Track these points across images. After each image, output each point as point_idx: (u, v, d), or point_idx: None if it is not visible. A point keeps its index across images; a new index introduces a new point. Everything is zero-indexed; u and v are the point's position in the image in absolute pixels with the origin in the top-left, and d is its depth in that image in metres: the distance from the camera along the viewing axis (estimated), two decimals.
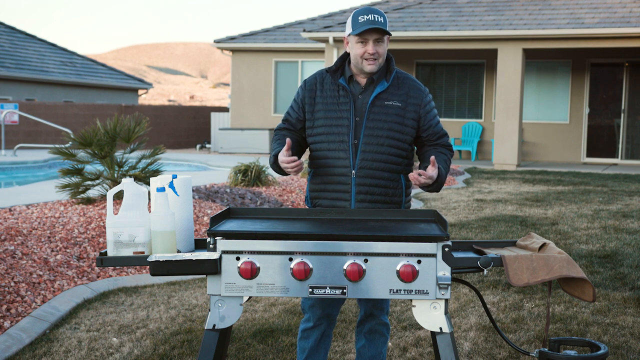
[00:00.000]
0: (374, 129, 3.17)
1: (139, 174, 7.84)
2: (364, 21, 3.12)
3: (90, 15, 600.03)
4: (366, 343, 3.43)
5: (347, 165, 3.18)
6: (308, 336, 3.38)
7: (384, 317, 3.41)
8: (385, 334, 3.44)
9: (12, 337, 4.26)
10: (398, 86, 3.24)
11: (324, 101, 3.24)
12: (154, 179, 2.71)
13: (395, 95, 3.22)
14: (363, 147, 3.17)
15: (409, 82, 3.28)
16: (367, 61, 3.15)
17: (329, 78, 3.27)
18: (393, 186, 3.23)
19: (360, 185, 3.18)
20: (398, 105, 3.20)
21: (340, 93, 3.22)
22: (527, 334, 4.49)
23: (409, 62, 20.09)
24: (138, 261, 2.66)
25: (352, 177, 3.18)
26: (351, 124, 3.18)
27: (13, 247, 5.71)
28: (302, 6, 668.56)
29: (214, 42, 21.85)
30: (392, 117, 3.19)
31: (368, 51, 3.13)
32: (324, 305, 3.33)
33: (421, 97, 3.25)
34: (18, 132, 20.01)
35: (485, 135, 19.49)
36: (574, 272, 2.63)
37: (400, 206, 3.28)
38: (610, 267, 6.24)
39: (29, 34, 28.63)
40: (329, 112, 3.22)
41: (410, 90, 3.25)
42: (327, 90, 3.25)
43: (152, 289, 5.57)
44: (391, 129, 3.18)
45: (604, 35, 15.85)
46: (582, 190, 11.97)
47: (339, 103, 3.21)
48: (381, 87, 3.20)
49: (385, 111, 3.19)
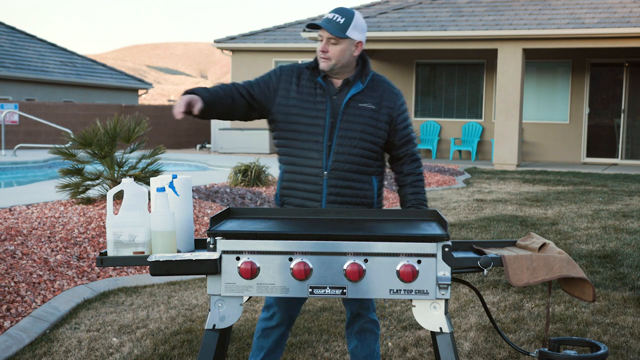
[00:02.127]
0: (347, 131, 3.16)
1: (139, 174, 7.84)
2: (324, 18, 3.13)
3: (90, 15, 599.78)
4: (358, 343, 3.41)
5: (319, 165, 3.16)
6: (268, 335, 3.37)
7: (371, 314, 3.40)
8: (376, 331, 3.43)
9: (12, 337, 4.26)
10: (372, 88, 3.22)
11: (299, 97, 3.19)
12: (154, 179, 2.71)
13: (370, 97, 3.20)
14: (336, 149, 3.15)
15: (384, 85, 3.26)
16: (320, 58, 3.15)
17: (306, 74, 3.22)
18: (365, 188, 3.22)
19: (331, 186, 3.17)
20: (372, 107, 3.19)
21: (317, 92, 3.19)
22: (527, 334, 4.49)
23: (409, 62, 20.09)
24: (138, 261, 2.66)
25: (324, 178, 3.17)
26: (326, 125, 3.16)
27: (13, 247, 5.71)
28: (302, 6, 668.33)
29: (214, 42, 21.85)
30: (366, 120, 3.17)
31: (320, 48, 3.14)
32: (288, 306, 3.32)
33: (395, 100, 3.24)
34: (18, 132, 20.02)
35: (485, 135, 19.49)
36: (574, 272, 2.63)
37: (373, 204, 3.28)
38: (610, 267, 6.24)
39: (29, 34, 28.62)
40: (304, 110, 3.17)
41: (384, 93, 3.23)
42: (304, 86, 3.20)
43: (152, 289, 5.57)
44: (364, 131, 3.17)
45: (604, 35, 15.86)
46: (582, 190, 11.97)
47: (315, 102, 3.18)
48: (356, 89, 3.18)
49: (359, 113, 3.17)
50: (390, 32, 17.22)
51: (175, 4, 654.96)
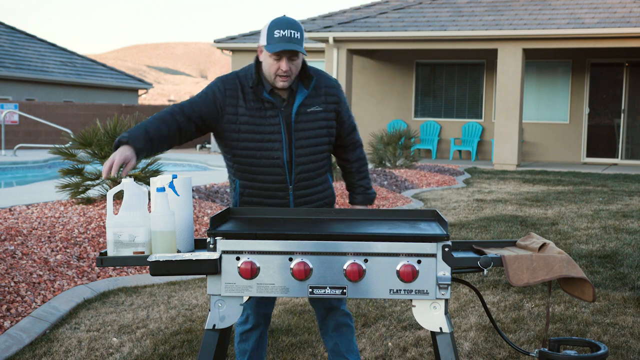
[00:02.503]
0: (303, 140, 3.11)
1: (139, 174, 7.84)
2: (280, 37, 2.96)
3: (90, 15, 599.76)
4: (337, 340, 3.36)
5: (283, 181, 3.13)
6: (247, 338, 3.35)
7: (343, 307, 3.37)
8: (351, 324, 3.39)
9: (12, 337, 4.26)
10: (316, 90, 3.15)
11: (249, 114, 3.07)
12: (154, 179, 2.71)
13: (315, 99, 3.14)
14: (297, 161, 3.11)
15: (323, 82, 3.19)
16: (279, 77, 3.02)
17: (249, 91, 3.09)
18: (326, 187, 3.25)
19: (298, 197, 3.17)
20: (320, 109, 3.14)
21: (266, 106, 3.07)
22: (527, 334, 4.49)
23: (409, 62, 20.10)
24: (138, 261, 2.66)
25: (290, 191, 3.15)
26: (283, 139, 3.09)
27: (13, 247, 5.71)
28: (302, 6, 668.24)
29: (214, 42, 21.85)
30: (317, 123, 3.14)
31: (281, 68, 3.00)
32: (260, 306, 3.30)
33: (337, 93, 3.21)
34: (18, 132, 20.02)
35: (485, 135, 19.49)
36: (574, 272, 2.63)
37: (333, 200, 3.32)
38: (610, 267, 6.24)
39: (29, 34, 28.63)
40: (257, 127, 3.07)
41: (326, 89, 3.18)
42: (251, 102, 3.08)
43: (152, 289, 5.57)
44: (317, 135, 3.15)
45: (604, 35, 15.86)
46: (582, 190, 11.98)
47: (266, 117, 3.07)
48: (302, 96, 3.10)
49: (310, 118, 3.12)
50: (390, 32, 17.22)
51: (175, 4, 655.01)
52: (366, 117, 20.20)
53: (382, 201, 10.14)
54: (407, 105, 20.21)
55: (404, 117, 20.17)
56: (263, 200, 3.17)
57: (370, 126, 19.72)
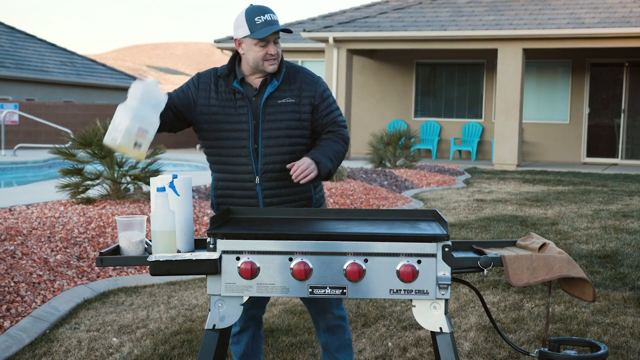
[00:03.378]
0: (271, 130, 3.11)
1: (139, 174, 7.84)
2: (262, 22, 3.00)
3: (90, 15, 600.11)
4: (328, 339, 3.37)
5: (250, 171, 3.13)
6: (238, 341, 3.35)
7: (336, 310, 3.32)
8: (343, 325, 3.36)
9: (12, 337, 4.26)
10: (289, 82, 3.15)
11: (220, 104, 3.14)
12: (154, 179, 2.71)
13: (287, 91, 3.14)
14: (263, 151, 3.11)
15: (301, 76, 3.18)
16: (268, 62, 3.06)
17: (221, 82, 3.16)
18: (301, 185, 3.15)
19: (266, 189, 3.14)
20: (292, 101, 3.13)
21: (237, 96, 3.13)
22: (527, 334, 4.49)
23: (409, 62, 20.10)
24: (138, 261, 2.67)
25: (257, 182, 3.14)
26: (250, 128, 3.11)
27: (13, 247, 5.71)
28: (302, 6, 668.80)
29: (214, 42, 21.85)
30: (288, 115, 3.13)
31: (270, 52, 3.04)
32: (249, 307, 3.29)
33: (315, 88, 3.17)
34: (18, 132, 20.02)
35: (485, 135, 19.49)
36: (574, 272, 2.63)
37: (311, 201, 3.25)
38: (610, 267, 6.24)
39: (29, 34, 28.63)
40: (227, 117, 3.12)
41: (302, 84, 3.16)
42: (223, 93, 3.15)
43: (152, 289, 5.57)
44: (289, 127, 3.13)
45: (604, 35, 15.86)
46: (582, 190, 11.98)
47: (236, 107, 3.12)
48: (272, 87, 3.12)
49: (280, 110, 3.12)
50: (390, 32, 17.22)
51: (175, 4, 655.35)
52: (366, 117, 20.20)
53: (382, 201, 10.14)
54: (407, 105, 20.21)
55: (404, 117, 20.17)
56: (233, 192, 3.18)
57: (370, 126, 19.73)
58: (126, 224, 2.70)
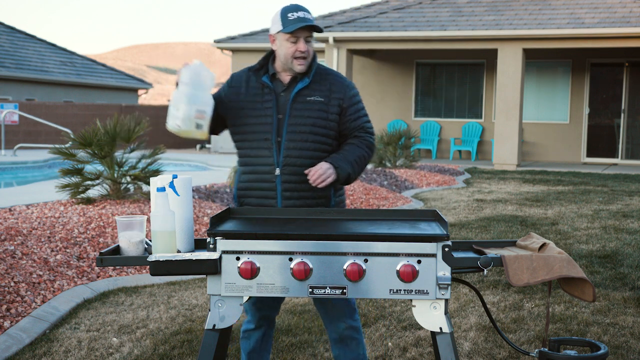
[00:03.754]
0: (297, 126, 3.15)
1: (139, 174, 7.83)
2: (295, 19, 3.09)
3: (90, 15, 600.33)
4: (340, 352, 3.31)
5: (271, 163, 3.17)
6: (249, 337, 3.37)
7: (349, 320, 3.26)
8: (357, 336, 3.29)
9: (12, 337, 4.26)
10: (320, 82, 3.20)
11: (248, 99, 3.22)
12: (154, 179, 2.71)
13: (317, 90, 3.19)
14: (286, 145, 3.15)
15: (332, 78, 3.24)
16: (297, 60, 3.13)
17: (252, 76, 3.26)
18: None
19: (285, 182, 3.17)
20: (320, 100, 3.17)
21: (265, 91, 3.21)
22: (527, 334, 4.49)
23: (409, 62, 20.10)
24: (138, 261, 2.67)
25: (277, 175, 3.16)
26: (274, 122, 3.16)
27: (13, 247, 5.71)
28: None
29: (214, 42, 21.85)
30: (315, 113, 3.16)
31: (299, 49, 3.11)
32: (262, 307, 3.30)
33: (344, 91, 3.22)
34: (18, 132, 20.02)
35: (485, 135, 19.49)
36: (574, 272, 2.63)
37: (330, 201, 3.25)
38: (610, 267, 6.24)
39: (29, 34, 28.63)
40: (253, 110, 3.20)
41: (332, 85, 3.21)
42: (252, 88, 3.23)
43: (152, 289, 5.57)
44: (314, 124, 3.16)
45: (604, 35, 15.86)
46: (582, 190, 11.98)
47: (262, 101, 3.20)
48: (303, 84, 3.17)
49: (308, 107, 3.16)
50: (390, 32, 17.22)
51: (175, 4, 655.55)
52: None
53: (382, 201, 10.14)
54: (407, 105, 20.21)
55: (404, 117, 20.16)
56: (253, 184, 3.21)
57: None
58: (126, 224, 2.70)
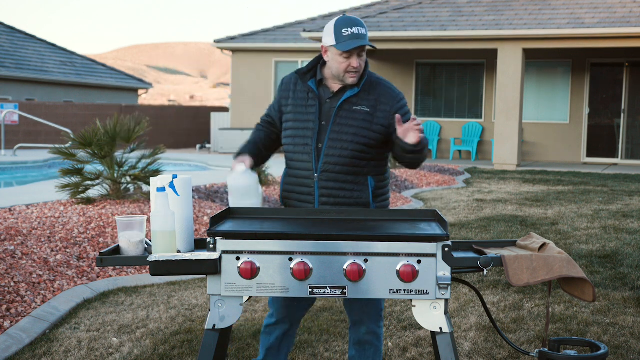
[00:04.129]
0: (339, 133, 3.16)
1: (139, 174, 7.83)
2: (349, 35, 3.07)
3: (90, 15, 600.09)
4: (356, 354, 3.35)
5: (310, 168, 3.20)
6: (270, 332, 3.38)
7: (373, 325, 3.31)
8: (376, 344, 3.33)
9: (12, 337, 4.26)
10: (369, 91, 3.20)
11: (294, 103, 3.27)
12: (154, 179, 2.71)
13: (365, 100, 3.19)
14: (326, 151, 3.17)
15: (381, 88, 3.23)
16: (349, 74, 3.14)
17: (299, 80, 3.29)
18: (358, 189, 3.20)
19: (322, 188, 3.19)
20: (366, 110, 3.18)
21: (309, 96, 3.24)
22: (527, 334, 4.49)
23: (409, 62, 20.10)
24: (138, 261, 2.67)
25: (315, 180, 3.19)
26: (316, 127, 3.19)
27: (13, 247, 5.71)
28: (302, 6, 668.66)
29: (214, 42, 21.85)
30: (359, 122, 3.17)
31: (352, 65, 3.12)
32: (285, 305, 3.32)
33: (392, 103, 3.21)
34: (18, 132, 20.02)
35: (485, 135, 19.49)
36: (574, 272, 2.63)
37: (369, 207, 3.25)
38: (610, 267, 6.24)
39: (29, 34, 28.62)
40: (297, 115, 3.24)
41: (380, 96, 3.20)
42: (299, 92, 3.27)
43: (152, 289, 5.57)
44: (356, 133, 3.16)
45: (604, 35, 15.86)
46: (582, 190, 11.98)
47: (306, 106, 3.23)
48: (351, 92, 3.18)
49: (353, 116, 3.17)
50: (390, 32, 17.22)
51: (175, 4, 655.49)
52: None
53: None
54: (408, 105, 20.21)
55: None
56: (294, 187, 3.28)
57: None
58: (126, 224, 2.70)
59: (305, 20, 22.32)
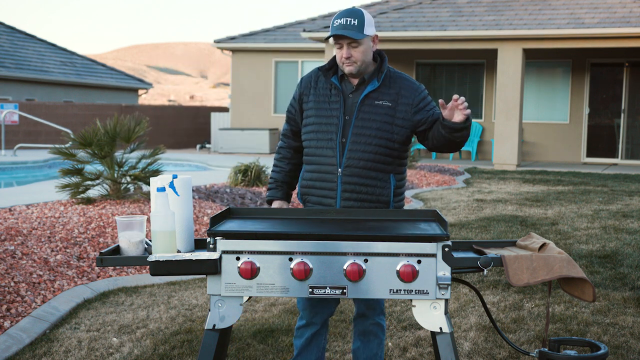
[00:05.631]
0: (363, 128, 3.19)
1: (139, 174, 7.84)
2: (337, 25, 3.14)
3: (90, 15, 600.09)
4: (361, 345, 3.43)
5: (333, 163, 3.21)
6: (301, 335, 3.41)
7: (377, 317, 3.41)
8: (380, 335, 3.43)
9: (12, 337, 4.26)
10: (389, 86, 3.24)
11: (316, 99, 3.28)
12: (154, 179, 2.71)
13: (386, 94, 3.22)
14: (350, 146, 3.19)
15: (401, 82, 3.26)
16: (344, 64, 3.19)
17: (321, 76, 3.31)
18: (381, 185, 3.22)
19: (346, 183, 3.20)
20: (388, 105, 3.20)
21: (332, 92, 3.26)
22: (527, 334, 4.49)
23: (409, 62, 20.09)
24: (138, 261, 2.67)
25: (339, 175, 3.20)
26: (340, 122, 3.21)
27: (13, 247, 5.71)
28: (302, 6, 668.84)
29: (214, 42, 21.85)
30: (382, 117, 3.19)
31: (343, 55, 3.16)
32: (316, 307, 3.35)
33: (413, 96, 3.23)
34: (18, 132, 20.02)
35: (485, 135, 19.49)
36: (574, 272, 2.63)
37: (389, 205, 3.27)
38: (610, 267, 6.24)
39: (29, 34, 28.62)
40: (320, 110, 3.26)
41: (401, 90, 3.23)
42: (321, 88, 3.29)
43: (152, 289, 5.57)
44: (380, 128, 3.19)
45: (604, 35, 15.85)
46: (582, 190, 11.97)
47: (330, 102, 3.25)
48: (372, 87, 3.21)
49: (375, 110, 3.20)
50: (390, 32, 17.22)
51: (175, 4, 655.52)
52: None
53: None
54: None
55: None
56: (315, 183, 3.28)
57: None
58: (126, 224, 2.70)
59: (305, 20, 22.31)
